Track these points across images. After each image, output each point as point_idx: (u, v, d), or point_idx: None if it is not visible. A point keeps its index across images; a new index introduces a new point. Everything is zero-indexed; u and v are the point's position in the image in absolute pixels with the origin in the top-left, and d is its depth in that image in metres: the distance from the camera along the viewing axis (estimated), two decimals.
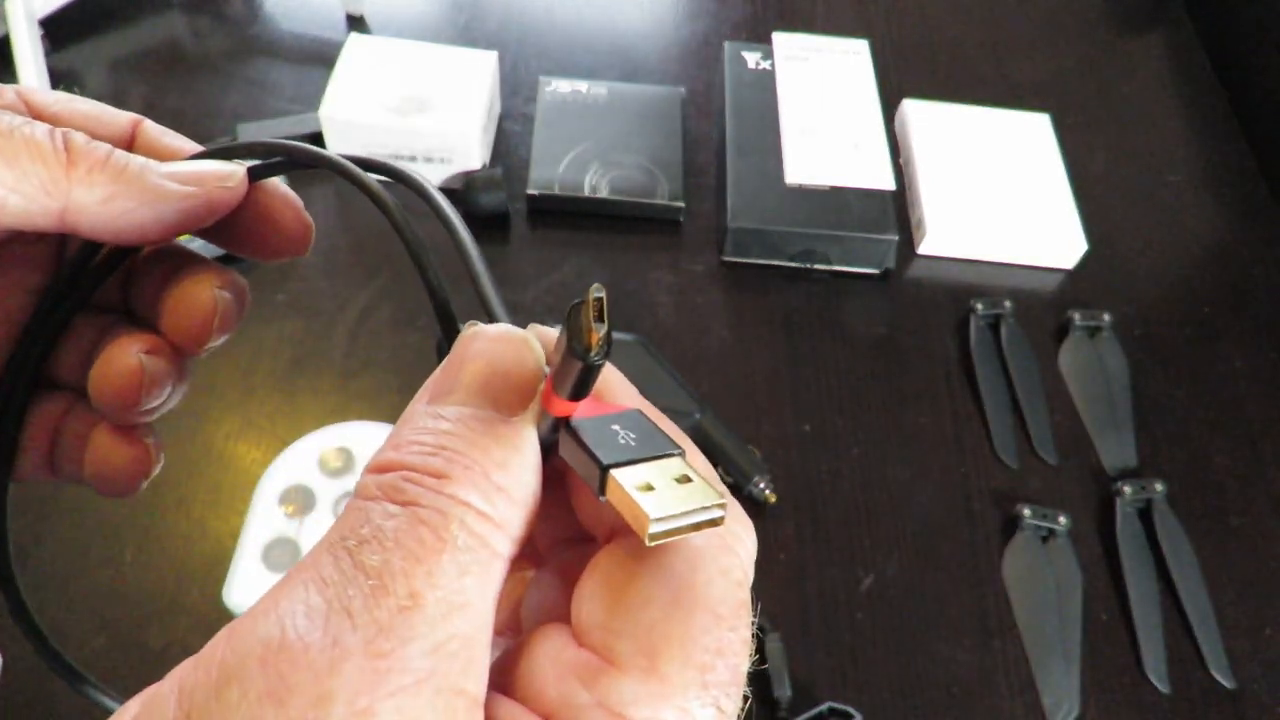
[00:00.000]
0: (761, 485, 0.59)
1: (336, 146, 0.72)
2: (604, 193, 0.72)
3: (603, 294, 0.16)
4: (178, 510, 0.57)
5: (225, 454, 0.59)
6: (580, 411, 0.18)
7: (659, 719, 0.16)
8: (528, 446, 0.18)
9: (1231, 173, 0.82)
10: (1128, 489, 0.62)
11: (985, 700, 0.55)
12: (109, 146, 0.23)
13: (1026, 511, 0.60)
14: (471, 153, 0.71)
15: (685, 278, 0.71)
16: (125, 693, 0.18)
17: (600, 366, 0.17)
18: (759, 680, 0.54)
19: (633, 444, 0.18)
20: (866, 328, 0.69)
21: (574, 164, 0.73)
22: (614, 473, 0.17)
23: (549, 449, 0.19)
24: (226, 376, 0.62)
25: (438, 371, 0.19)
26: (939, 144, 0.77)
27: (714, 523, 0.17)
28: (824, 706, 0.52)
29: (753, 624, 0.18)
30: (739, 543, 0.18)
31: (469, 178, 0.71)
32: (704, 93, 0.82)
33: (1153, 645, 0.57)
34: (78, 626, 0.53)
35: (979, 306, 0.70)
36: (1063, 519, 0.60)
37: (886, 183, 0.72)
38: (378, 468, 0.17)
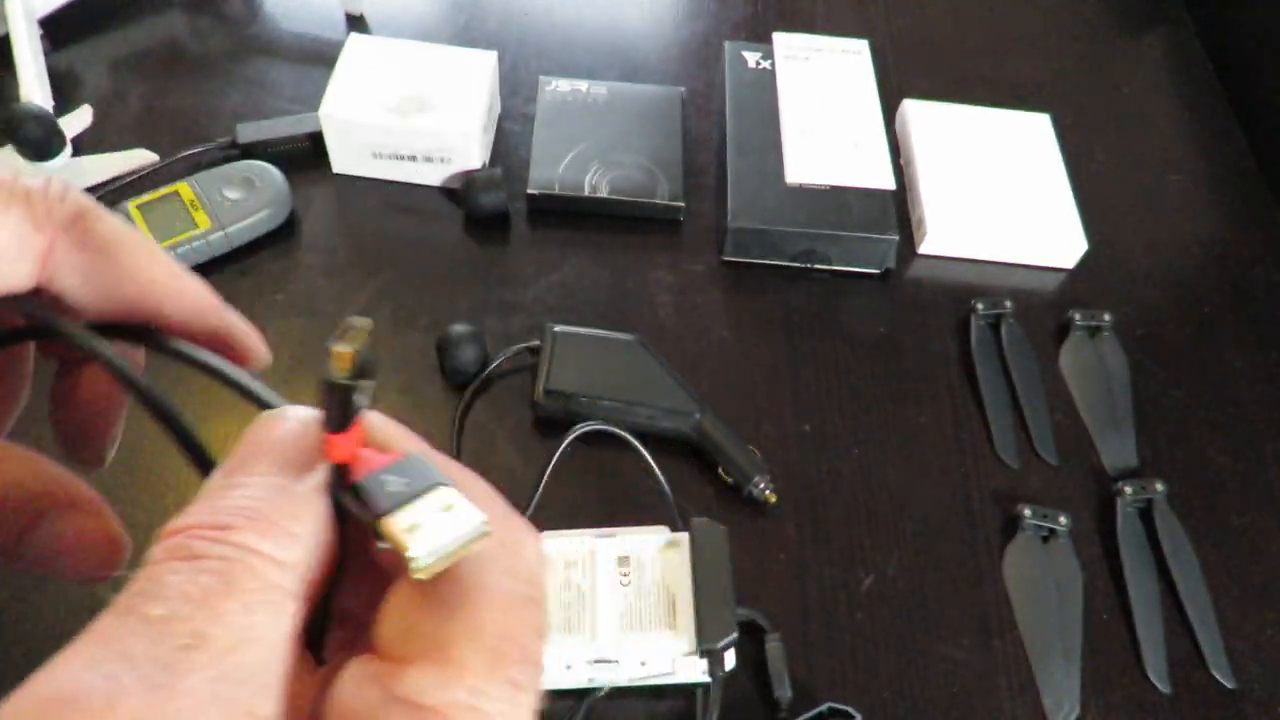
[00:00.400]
0: (761, 485, 0.59)
1: (336, 146, 0.72)
2: (604, 192, 0.72)
3: (360, 324, 0.19)
4: (177, 511, 0.57)
5: (224, 454, 0.59)
6: (365, 468, 0.20)
7: (452, 699, 0.17)
8: (314, 497, 0.19)
9: (1231, 172, 0.82)
10: (1128, 489, 0.62)
11: (986, 700, 0.55)
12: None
13: (1027, 512, 0.60)
14: (471, 153, 0.71)
15: (685, 277, 0.71)
16: None
17: (350, 388, 0.19)
18: (759, 681, 0.54)
19: (403, 487, 0.19)
20: (867, 327, 0.69)
21: (574, 164, 0.73)
22: (384, 520, 0.19)
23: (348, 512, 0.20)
24: None
25: (231, 452, 0.20)
26: (939, 144, 0.77)
27: (483, 537, 0.19)
28: (824, 707, 0.52)
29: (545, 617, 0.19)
30: (522, 547, 0.20)
31: (469, 178, 0.71)
32: (704, 92, 0.82)
33: (1153, 645, 0.57)
34: (78, 627, 0.53)
35: (979, 306, 0.70)
36: (1063, 519, 0.60)
37: (887, 183, 0.72)
38: (167, 534, 0.18)
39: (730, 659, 0.50)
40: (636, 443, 0.58)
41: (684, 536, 0.51)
